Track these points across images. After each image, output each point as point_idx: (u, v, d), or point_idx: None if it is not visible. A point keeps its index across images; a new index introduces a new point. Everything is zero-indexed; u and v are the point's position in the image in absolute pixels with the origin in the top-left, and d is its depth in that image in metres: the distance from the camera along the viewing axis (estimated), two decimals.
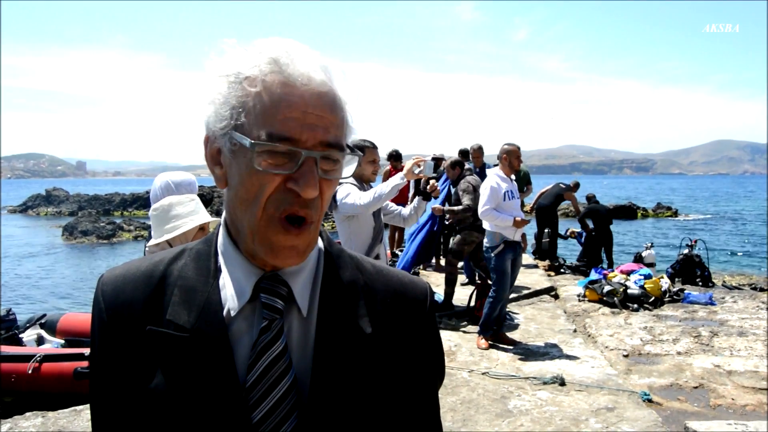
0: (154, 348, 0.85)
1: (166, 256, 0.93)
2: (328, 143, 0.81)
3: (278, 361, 0.85)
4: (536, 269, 10.78)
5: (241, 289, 0.88)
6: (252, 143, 0.79)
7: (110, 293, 0.90)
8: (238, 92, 0.81)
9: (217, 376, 0.83)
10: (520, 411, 4.56)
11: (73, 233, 25.04)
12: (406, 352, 0.94)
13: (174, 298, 0.87)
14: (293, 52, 0.82)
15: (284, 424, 0.83)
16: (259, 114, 0.80)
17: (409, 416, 0.95)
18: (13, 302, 11.96)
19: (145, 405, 0.84)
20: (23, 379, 5.71)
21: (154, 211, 2.66)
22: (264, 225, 0.82)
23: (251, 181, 0.81)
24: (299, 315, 0.89)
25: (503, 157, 6.16)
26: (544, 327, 7.05)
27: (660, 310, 8.12)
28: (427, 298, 1.00)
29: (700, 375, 5.57)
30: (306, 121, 0.80)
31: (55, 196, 42.86)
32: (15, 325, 6.89)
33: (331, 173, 0.83)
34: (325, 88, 0.82)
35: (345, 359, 0.88)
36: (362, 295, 0.94)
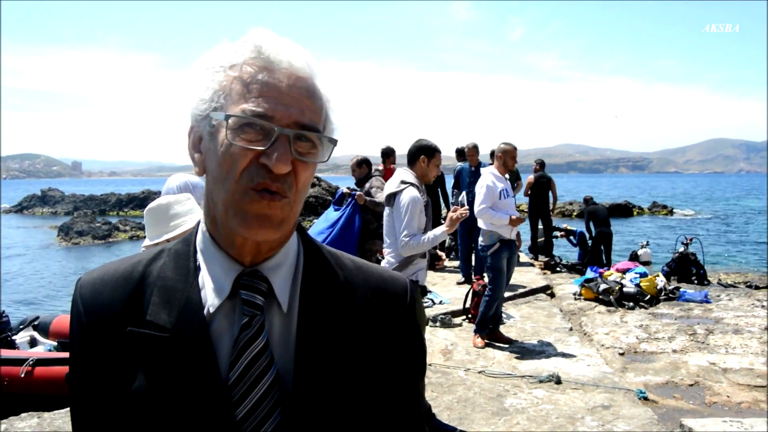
0: (135, 349, 0.84)
1: (145, 257, 0.93)
2: (303, 125, 0.83)
3: (260, 358, 0.85)
4: (532, 268, 10.80)
5: (221, 286, 0.88)
6: (227, 115, 0.81)
7: (88, 296, 0.89)
8: (220, 77, 0.84)
9: (200, 375, 0.83)
10: (517, 409, 4.56)
11: (69, 233, 24.96)
12: (387, 346, 0.95)
13: (154, 299, 0.87)
14: (276, 40, 0.85)
15: (268, 420, 0.84)
16: (237, 93, 0.83)
17: (390, 410, 0.96)
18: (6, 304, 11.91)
19: (128, 407, 0.83)
20: (16, 382, 5.69)
21: (151, 210, 2.59)
22: (238, 197, 0.83)
23: (225, 158, 0.83)
24: (280, 311, 0.90)
25: (498, 156, 6.17)
26: (540, 325, 7.06)
27: (656, 308, 8.14)
28: (407, 294, 1.01)
29: (696, 373, 5.58)
30: (282, 100, 0.82)
31: (50, 196, 42.76)
32: (8, 326, 6.86)
33: (307, 156, 0.84)
34: (304, 74, 0.85)
35: (327, 354, 0.88)
36: (343, 290, 0.94)
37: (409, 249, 3.96)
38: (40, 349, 6.65)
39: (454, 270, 10.05)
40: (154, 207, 2.58)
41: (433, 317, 7.02)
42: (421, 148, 4.15)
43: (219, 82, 0.84)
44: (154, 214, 2.57)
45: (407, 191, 4.03)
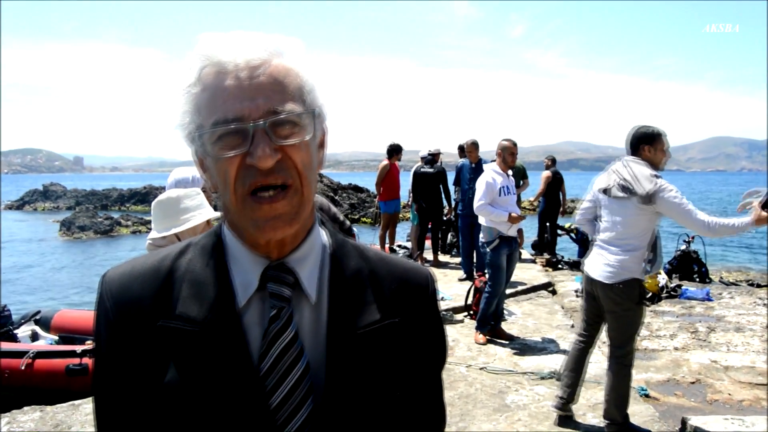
0: (166, 343, 0.85)
1: (172, 251, 0.94)
2: (275, 111, 0.82)
3: (290, 348, 0.86)
4: (534, 264, 10.79)
5: (249, 280, 0.89)
6: (200, 133, 0.83)
7: (116, 291, 0.89)
8: (189, 98, 0.85)
9: (233, 366, 0.84)
10: (518, 406, 4.56)
11: (71, 228, 24.98)
12: (413, 336, 0.97)
13: (183, 293, 0.88)
14: (222, 40, 0.85)
15: (301, 408, 0.85)
16: (206, 106, 0.83)
17: (417, 398, 0.98)
18: (8, 298, 11.92)
19: (160, 401, 0.84)
20: (16, 375, 5.71)
21: (160, 203, 2.57)
22: (240, 206, 0.84)
23: (218, 171, 0.84)
24: (308, 302, 0.91)
25: (498, 152, 6.17)
26: (541, 322, 7.06)
27: (657, 306, 8.13)
28: (429, 284, 1.03)
29: (697, 370, 5.58)
30: (246, 96, 0.81)
31: (52, 191, 42.80)
32: (9, 321, 6.86)
33: (292, 137, 0.84)
34: (262, 60, 0.84)
35: (357, 345, 0.90)
36: (368, 282, 0.95)
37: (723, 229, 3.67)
38: (42, 343, 6.66)
39: (455, 266, 10.05)
40: (163, 200, 2.56)
41: None
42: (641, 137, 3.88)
43: (189, 103, 0.85)
44: (163, 207, 2.54)
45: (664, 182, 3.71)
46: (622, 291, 3.84)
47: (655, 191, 3.65)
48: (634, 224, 3.80)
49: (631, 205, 3.77)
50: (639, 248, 3.82)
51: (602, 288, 3.92)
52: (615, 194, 3.85)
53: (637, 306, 3.88)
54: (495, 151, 6.26)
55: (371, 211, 27.30)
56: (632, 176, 3.77)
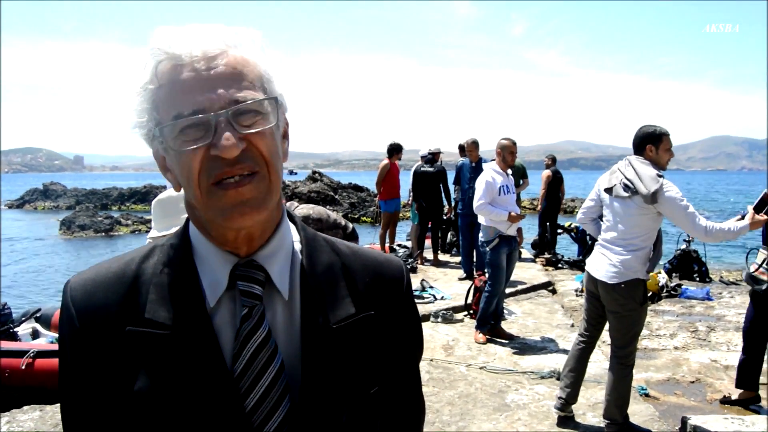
0: (135, 349, 0.83)
1: (137, 254, 0.92)
2: (236, 100, 0.80)
3: (263, 347, 0.84)
4: (534, 264, 10.79)
5: (218, 279, 0.87)
6: (160, 127, 0.81)
7: (81, 298, 0.87)
8: (147, 95, 0.83)
9: (205, 369, 0.82)
10: (518, 405, 4.56)
11: (71, 227, 24.99)
12: (389, 329, 0.96)
13: (151, 296, 0.85)
14: (177, 32, 0.83)
15: (278, 408, 0.83)
16: (165, 101, 0.81)
17: (395, 391, 0.97)
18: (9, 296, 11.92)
19: (131, 409, 0.82)
20: (17, 374, 5.71)
21: (161, 202, 2.53)
22: (206, 198, 0.82)
23: (181, 166, 0.82)
24: (281, 299, 0.89)
25: (497, 152, 6.18)
26: (541, 322, 7.06)
27: (657, 305, 8.13)
28: (403, 275, 1.02)
29: (697, 370, 5.58)
30: (205, 87, 0.80)
31: (52, 190, 42.79)
32: (10, 319, 6.87)
33: (256, 125, 0.82)
34: (219, 50, 0.82)
35: (332, 340, 0.88)
36: (341, 276, 0.94)
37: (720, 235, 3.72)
38: (42, 341, 6.67)
39: (455, 266, 10.05)
40: (164, 198, 2.52)
41: (435, 313, 7.02)
42: (645, 136, 3.89)
43: (147, 101, 0.83)
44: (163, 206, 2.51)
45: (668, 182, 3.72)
46: (625, 291, 3.83)
47: (658, 191, 3.65)
48: (637, 224, 3.80)
49: (634, 205, 3.77)
50: (643, 248, 3.82)
51: (605, 288, 3.92)
52: (618, 193, 3.85)
53: (640, 306, 3.89)
54: (494, 150, 6.26)
55: (371, 210, 27.31)
56: (636, 176, 3.77)
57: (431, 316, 7.03)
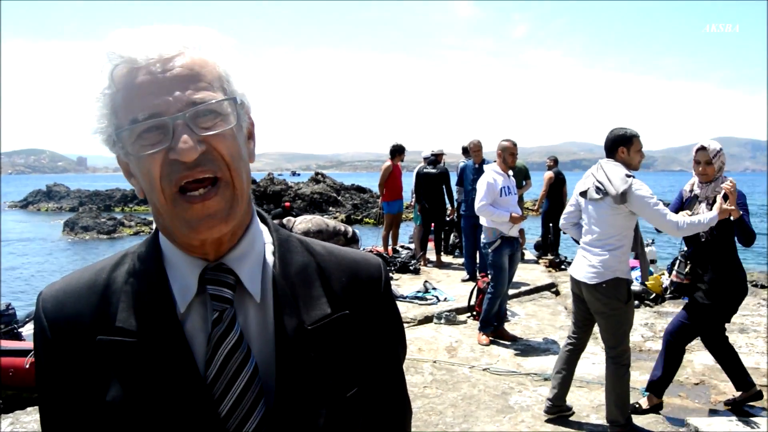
0: (107, 358, 0.82)
1: (108, 263, 0.91)
2: (193, 102, 0.79)
3: (236, 352, 0.83)
4: (537, 265, 10.77)
5: (187, 284, 0.86)
6: (118, 135, 0.80)
7: (52, 309, 0.86)
8: (105, 101, 0.82)
9: (177, 376, 0.82)
10: (521, 407, 4.55)
11: (74, 229, 25.04)
12: (368, 328, 0.94)
13: (122, 305, 0.84)
14: (131, 36, 0.82)
15: (252, 413, 0.82)
16: (123, 108, 0.80)
17: (377, 393, 0.95)
18: (13, 297, 11.95)
19: (105, 418, 0.81)
20: (20, 373, 5.73)
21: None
22: (171, 206, 0.81)
23: (142, 172, 0.81)
24: (253, 302, 0.88)
25: (498, 153, 6.19)
26: (545, 323, 7.05)
27: (661, 307, 8.12)
28: (381, 274, 1.00)
29: (701, 372, 5.57)
30: (162, 90, 0.78)
31: (55, 191, 42.88)
32: (14, 319, 6.89)
33: (215, 127, 0.81)
34: (176, 51, 0.81)
35: (308, 342, 0.87)
36: (317, 276, 0.92)
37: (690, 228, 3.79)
38: None
39: (458, 267, 10.05)
40: None
41: (438, 314, 7.02)
42: (616, 139, 3.95)
43: (105, 105, 0.82)
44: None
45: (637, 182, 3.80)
46: (607, 291, 3.91)
47: (627, 190, 3.72)
48: (611, 224, 3.88)
49: (606, 206, 3.86)
50: (619, 247, 3.89)
51: (587, 289, 4.00)
52: (591, 196, 3.97)
53: (625, 305, 3.95)
54: (495, 152, 6.27)
55: (374, 211, 27.31)
56: (606, 177, 3.86)
57: (434, 317, 7.03)
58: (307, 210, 25.22)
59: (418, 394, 4.81)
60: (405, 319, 6.98)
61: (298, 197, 28.35)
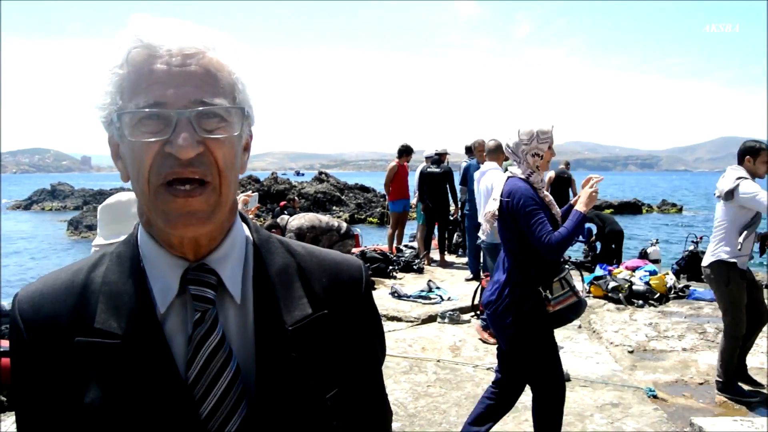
0: (86, 360, 0.81)
1: (85, 264, 0.90)
2: (202, 101, 0.79)
3: (217, 352, 0.83)
4: None
5: (168, 285, 0.85)
6: (119, 113, 0.79)
7: (28, 310, 0.85)
8: (113, 79, 0.81)
9: (157, 377, 0.81)
10: (525, 406, 4.54)
11: (78, 227, 25.13)
12: (348, 330, 0.94)
13: (101, 306, 0.83)
14: (156, 24, 0.82)
15: (234, 414, 0.82)
16: (130, 89, 0.79)
17: (356, 395, 0.94)
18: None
19: (83, 421, 0.80)
20: None
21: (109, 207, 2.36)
22: (153, 197, 0.80)
23: (133, 158, 0.80)
24: (233, 303, 0.88)
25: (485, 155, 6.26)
26: None
27: (665, 307, 8.09)
28: (362, 275, 1.00)
29: (706, 371, 5.55)
30: (173, 83, 0.78)
31: (60, 190, 43.01)
32: None
33: (217, 131, 0.80)
34: (196, 50, 0.81)
35: (288, 343, 0.86)
36: (297, 277, 0.92)
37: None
38: None
39: (462, 267, 10.05)
40: (112, 203, 2.38)
41: (442, 314, 7.02)
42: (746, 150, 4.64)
43: (113, 84, 0.81)
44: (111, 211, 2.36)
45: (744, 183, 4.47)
46: (710, 272, 4.76)
47: (733, 189, 4.47)
48: (724, 218, 4.66)
49: (721, 202, 4.68)
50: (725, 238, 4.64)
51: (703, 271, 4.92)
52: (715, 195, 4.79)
53: (726, 287, 4.65)
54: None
55: (377, 210, 27.32)
56: (723, 179, 4.65)
57: (438, 316, 7.03)
58: (311, 209, 25.23)
59: (422, 393, 4.81)
60: (408, 318, 6.98)
61: (302, 196, 28.37)
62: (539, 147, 3.19)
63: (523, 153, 3.21)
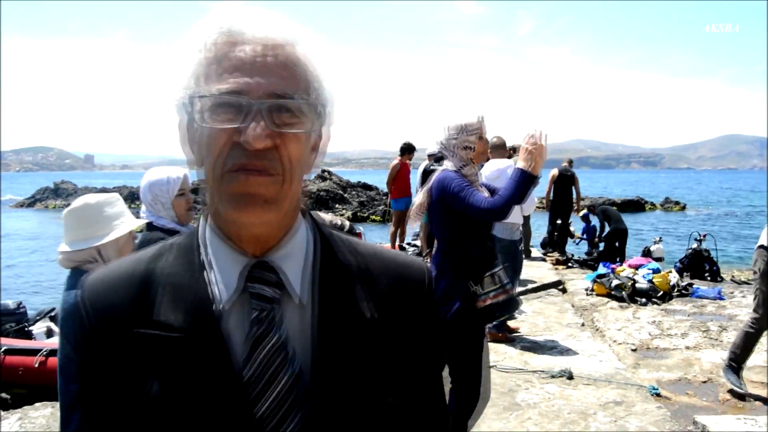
0: (144, 352, 0.81)
1: (146, 254, 0.89)
2: (279, 94, 0.78)
3: (276, 352, 0.81)
4: (544, 263, 10.75)
5: (229, 280, 0.84)
6: (193, 98, 0.78)
7: (90, 297, 0.85)
8: (192, 61, 0.80)
9: (214, 374, 0.80)
10: (528, 404, 4.55)
11: None
12: (410, 335, 0.91)
13: (160, 298, 0.83)
14: (243, 11, 0.81)
15: (290, 415, 0.80)
16: (208, 74, 0.79)
17: (416, 400, 0.93)
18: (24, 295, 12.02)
19: (140, 412, 0.80)
20: (30, 372, 5.78)
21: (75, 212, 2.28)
22: (218, 183, 0.79)
23: (204, 142, 0.79)
24: (294, 302, 0.85)
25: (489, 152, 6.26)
26: (551, 321, 7.03)
27: (668, 305, 8.09)
28: (425, 278, 0.97)
29: (709, 370, 5.55)
30: (253, 72, 0.77)
31: (63, 189, 43.10)
32: (25, 317, 6.95)
33: (290, 126, 0.79)
34: (278, 42, 0.80)
35: (349, 346, 0.84)
36: (360, 278, 0.90)
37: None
38: (56, 339, 6.73)
39: None
40: (79, 207, 2.28)
41: None
42: None
43: (191, 67, 0.80)
44: (78, 216, 2.27)
45: None
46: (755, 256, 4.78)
47: None
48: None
49: None
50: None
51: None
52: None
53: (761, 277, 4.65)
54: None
55: (380, 208, 27.30)
56: None
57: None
58: (314, 207, 25.21)
59: None
60: None
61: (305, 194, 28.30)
62: (469, 139, 3.18)
63: (454, 147, 3.20)
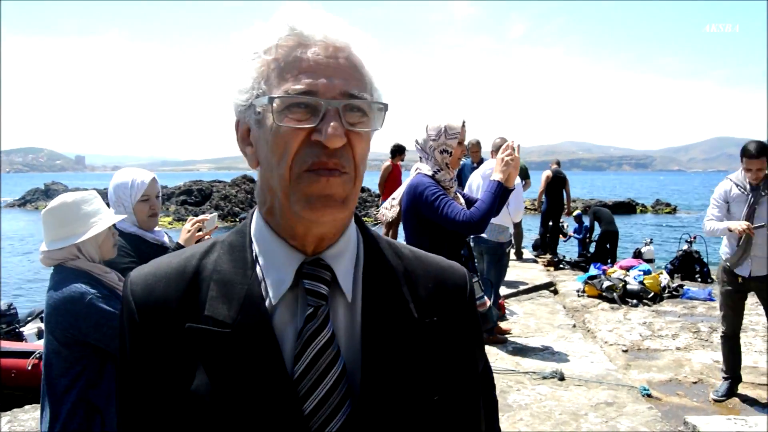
0: (194, 346, 0.81)
1: (197, 250, 0.90)
2: (350, 94, 0.80)
3: (326, 350, 0.82)
4: (535, 264, 10.78)
5: (282, 277, 0.85)
6: (270, 98, 0.79)
7: (141, 292, 0.86)
8: (257, 64, 0.82)
9: (264, 370, 0.81)
10: (520, 405, 4.56)
11: None
12: (451, 337, 0.93)
13: (211, 293, 0.84)
14: (307, 14, 0.83)
15: (337, 414, 0.81)
16: (277, 75, 0.80)
17: (456, 402, 0.93)
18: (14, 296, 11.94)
19: (188, 406, 0.80)
20: (23, 374, 5.74)
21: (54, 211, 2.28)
22: (294, 182, 0.80)
23: (276, 142, 0.80)
24: (344, 301, 0.87)
25: (492, 152, 6.25)
26: (543, 322, 7.05)
27: (659, 306, 8.13)
28: (467, 283, 0.99)
29: (699, 370, 5.58)
30: (323, 73, 0.79)
31: (54, 190, 42.79)
32: (16, 319, 6.89)
33: (359, 125, 0.81)
34: (342, 43, 0.82)
35: (395, 345, 0.86)
36: (404, 280, 0.91)
37: None
38: None
39: None
40: (57, 206, 2.29)
41: None
42: None
43: (257, 69, 0.81)
44: (57, 215, 2.28)
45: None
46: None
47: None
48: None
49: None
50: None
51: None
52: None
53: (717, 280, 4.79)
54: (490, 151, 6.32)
55: (372, 210, 27.29)
56: None
57: None
58: None
59: None
60: None
61: None
62: (447, 143, 3.03)
63: (431, 149, 3.07)
